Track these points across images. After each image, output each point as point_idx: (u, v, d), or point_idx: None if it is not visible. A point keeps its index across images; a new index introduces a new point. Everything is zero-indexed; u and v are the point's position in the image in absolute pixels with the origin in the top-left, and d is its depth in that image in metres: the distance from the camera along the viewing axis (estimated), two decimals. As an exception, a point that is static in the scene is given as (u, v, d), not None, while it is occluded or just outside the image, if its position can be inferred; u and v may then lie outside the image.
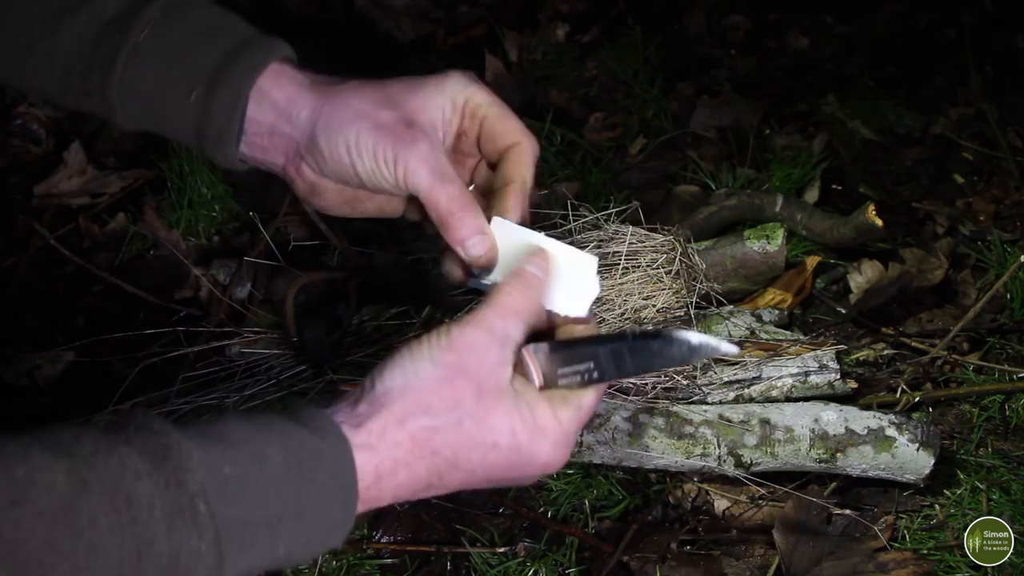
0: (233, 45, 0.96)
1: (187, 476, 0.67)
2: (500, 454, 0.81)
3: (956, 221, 1.84)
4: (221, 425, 0.72)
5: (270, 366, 1.43)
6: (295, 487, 0.72)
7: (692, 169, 1.96)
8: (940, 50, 2.30)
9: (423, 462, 0.78)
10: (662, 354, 0.83)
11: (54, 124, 2.08)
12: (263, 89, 0.95)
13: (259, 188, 1.92)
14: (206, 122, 0.96)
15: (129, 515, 0.64)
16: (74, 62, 0.97)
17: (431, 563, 1.32)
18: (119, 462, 0.65)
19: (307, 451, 0.73)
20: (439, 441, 0.78)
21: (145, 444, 0.67)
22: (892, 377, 1.50)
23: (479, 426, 0.80)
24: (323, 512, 0.73)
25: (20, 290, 1.75)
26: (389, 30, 2.34)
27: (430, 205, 0.93)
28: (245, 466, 0.70)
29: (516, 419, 0.81)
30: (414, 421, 0.78)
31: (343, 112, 0.93)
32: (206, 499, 0.67)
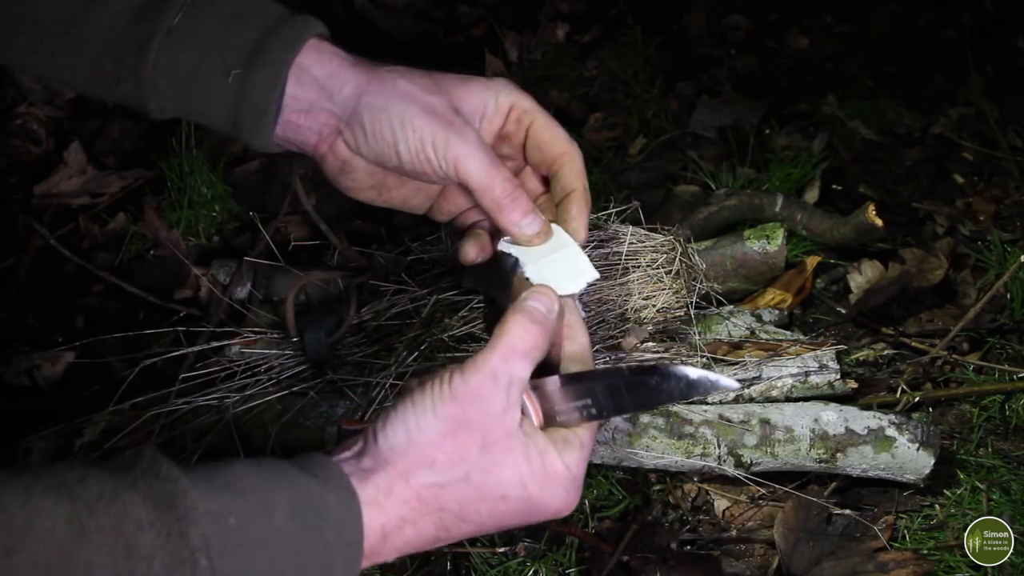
0: (269, 24, 0.94)
1: (190, 528, 0.65)
2: (510, 505, 0.79)
3: (956, 221, 1.85)
4: (229, 471, 0.70)
5: (270, 366, 1.42)
6: (299, 542, 0.70)
7: (692, 169, 1.96)
8: (940, 50, 2.30)
9: (430, 519, 0.77)
10: (660, 390, 0.82)
11: (54, 124, 2.08)
12: (303, 66, 0.93)
13: (259, 188, 1.92)
14: (243, 103, 0.94)
15: (127, 567, 0.62)
16: (106, 48, 0.95)
17: (431, 563, 1.32)
18: (122, 509, 0.64)
19: (314, 504, 0.71)
20: (446, 498, 0.77)
21: (150, 490, 0.66)
22: (892, 377, 1.50)
23: (486, 478, 0.77)
24: (326, 568, 0.71)
25: (20, 290, 1.75)
26: (389, 30, 2.34)
27: (483, 189, 0.92)
28: (250, 517, 0.68)
29: (525, 469, 0.78)
30: (419, 478, 0.76)
31: (390, 91, 0.92)
32: (208, 553, 0.65)
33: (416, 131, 0.91)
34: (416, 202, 1.04)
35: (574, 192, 0.98)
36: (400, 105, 0.91)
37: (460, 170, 0.91)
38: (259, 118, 0.94)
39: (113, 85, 0.96)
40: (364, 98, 0.92)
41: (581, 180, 0.98)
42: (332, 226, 1.62)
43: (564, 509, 0.81)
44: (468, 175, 0.91)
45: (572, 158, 0.99)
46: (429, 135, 0.90)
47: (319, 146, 0.96)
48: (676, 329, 1.41)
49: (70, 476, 0.64)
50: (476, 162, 0.90)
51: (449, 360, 1.38)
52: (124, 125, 2.09)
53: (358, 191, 1.00)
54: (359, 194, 1.01)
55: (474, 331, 1.42)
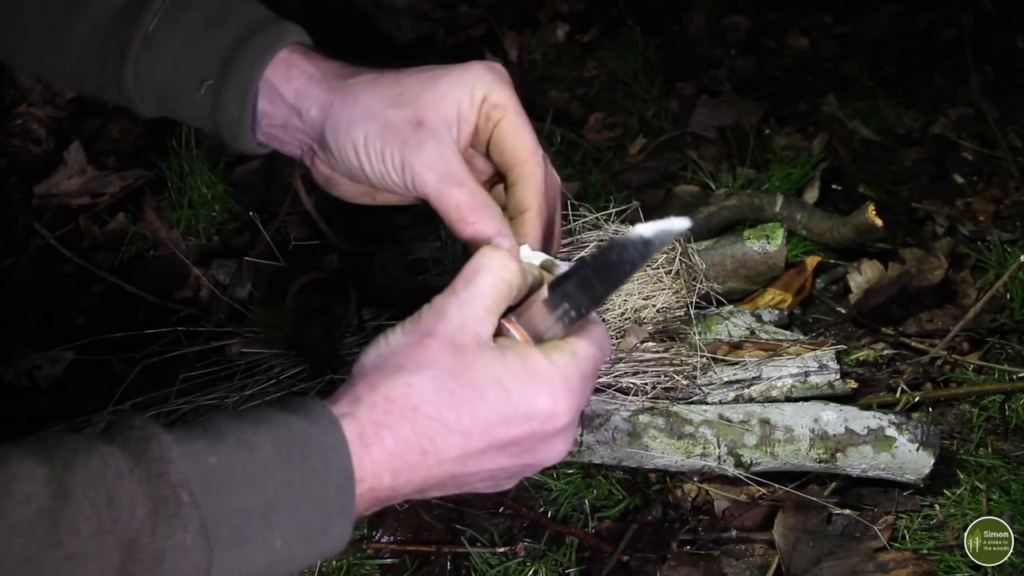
0: (241, 32, 0.92)
1: (168, 467, 0.64)
2: (490, 406, 0.75)
3: (956, 221, 1.85)
4: (207, 421, 0.70)
5: (270, 366, 1.43)
6: (286, 475, 0.69)
7: (692, 169, 1.96)
8: (940, 50, 2.30)
9: (405, 421, 0.74)
10: (622, 261, 0.78)
11: (54, 124, 2.08)
12: (272, 83, 0.92)
13: (259, 188, 1.92)
14: (220, 114, 0.93)
15: (111, 517, 0.62)
16: (88, 53, 0.95)
17: (431, 563, 1.32)
18: (100, 461, 0.63)
19: (297, 436, 0.70)
20: (416, 397, 0.74)
21: (126, 440, 0.66)
22: (892, 377, 1.50)
23: (458, 379, 0.75)
24: (318, 497, 0.70)
25: (20, 290, 1.75)
26: (388, 30, 2.34)
27: (439, 210, 0.89)
28: (232, 455, 0.67)
29: (500, 368, 0.76)
30: (385, 382, 0.75)
31: (351, 110, 0.89)
32: (190, 490, 0.64)
33: (376, 152, 0.89)
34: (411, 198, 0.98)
35: (527, 213, 0.91)
36: (360, 126, 0.89)
37: (417, 189, 0.88)
38: (236, 127, 0.93)
39: (99, 89, 0.97)
40: (328, 120, 0.90)
41: (536, 199, 0.91)
42: (332, 226, 1.63)
43: (554, 412, 0.76)
44: (424, 193, 0.88)
45: (531, 171, 0.92)
46: (388, 155, 0.88)
47: (304, 158, 0.96)
48: (676, 329, 1.41)
49: (47, 441, 0.64)
50: (428, 181, 0.87)
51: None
52: (124, 125, 2.09)
53: (349, 199, 0.99)
54: (353, 200, 1.00)
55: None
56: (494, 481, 0.80)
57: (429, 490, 0.78)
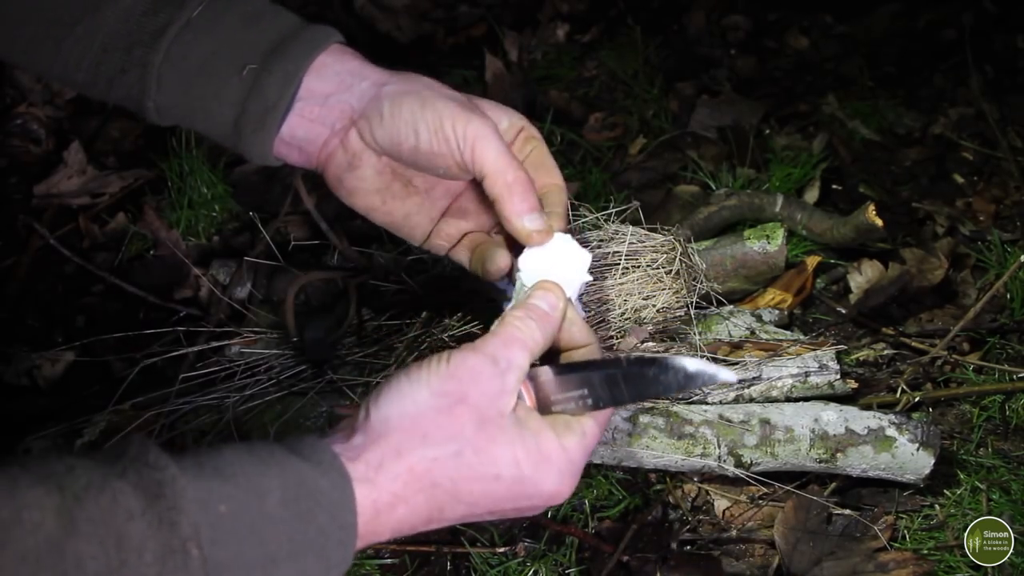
0: (291, 27, 0.96)
1: (180, 517, 0.65)
2: (503, 485, 0.78)
3: (956, 221, 1.85)
4: (219, 457, 0.70)
5: (270, 366, 1.42)
6: (292, 527, 0.70)
7: (692, 169, 1.96)
8: (940, 50, 2.30)
9: (423, 495, 0.76)
10: (657, 381, 0.81)
11: (54, 124, 2.07)
12: (325, 62, 0.95)
13: (259, 188, 1.92)
14: (253, 100, 0.94)
15: (119, 558, 0.62)
16: (117, 38, 0.95)
17: (431, 563, 1.32)
18: (112, 499, 0.63)
19: (306, 488, 0.71)
20: (438, 473, 0.76)
21: (139, 478, 0.65)
22: (892, 377, 1.50)
23: (480, 456, 0.77)
24: (320, 552, 0.71)
25: (20, 290, 1.75)
26: (389, 30, 2.34)
27: (497, 173, 0.92)
28: (241, 503, 0.68)
29: (519, 449, 0.78)
30: (412, 452, 0.75)
31: (412, 81, 0.94)
32: (199, 542, 0.65)
33: (436, 111, 0.91)
34: (418, 219, 1.03)
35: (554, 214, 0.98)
36: (423, 91, 0.93)
37: (477, 151, 0.91)
38: (265, 116, 0.94)
39: (115, 78, 0.96)
40: (385, 87, 0.94)
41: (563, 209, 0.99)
42: (332, 226, 1.62)
43: (558, 494, 0.80)
44: (484, 158, 0.91)
45: (561, 190, 0.99)
46: (449, 115, 0.91)
47: (330, 141, 0.97)
48: (676, 329, 1.41)
49: (59, 467, 0.63)
50: (493, 146, 0.91)
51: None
52: (124, 125, 2.09)
53: (362, 195, 1.00)
54: (362, 199, 1.01)
55: (474, 331, 1.42)
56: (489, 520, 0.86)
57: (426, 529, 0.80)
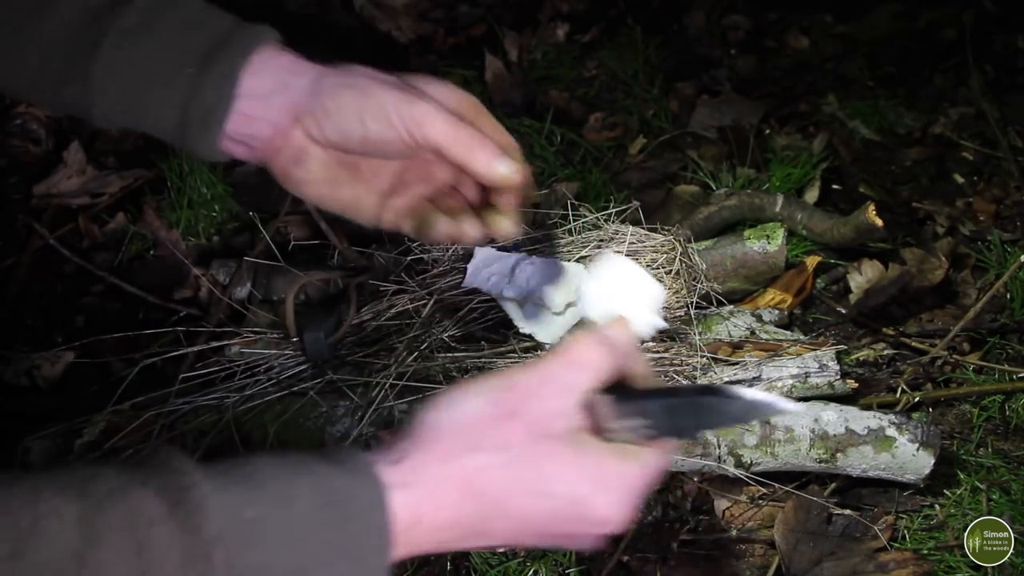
0: (226, 28, 0.95)
1: (204, 522, 0.63)
2: (555, 504, 0.74)
3: (956, 221, 1.84)
4: (247, 465, 0.68)
5: (270, 366, 1.42)
6: (323, 534, 0.67)
7: (692, 169, 1.96)
8: (940, 50, 2.30)
9: (468, 504, 0.72)
10: (720, 411, 0.78)
11: (53, 124, 2.07)
12: (263, 58, 0.94)
13: (259, 188, 1.92)
14: (194, 102, 0.94)
15: (140, 566, 0.60)
16: (55, 48, 0.95)
17: (431, 563, 1.32)
18: (134, 505, 0.62)
19: (338, 493, 0.68)
20: (486, 481, 0.72)
21: (162, 484, 0.64)
22: (892, 377, 1.50)
23: (532, 470, 0.73)
24: (354, 560, 0.68)
25: (20, 290, 1.75)
26: (389, 30, 2.34)
27: (451, 141, 0.92)
28: (269, 509, 0.65)
29: (575, 467, 0.74)
30: (459, 458, 0.72)
31: (349, 77, 0.93)
32: (224, 546, 0.63)
33: (378, 100, 0.92)
34: (367, 201, 1.02)
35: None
36: (360, 81, 0.93)
37: (426, 130, 0.92)
38: (207, 117, 0.94)
39: (58, 88, 0.96)
40: (324, 83, 0.94)
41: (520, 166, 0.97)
42: (332, 226, 1.62)
43: (611, 521, 0.75)
44: (435, 133, 0.92)
45: (515, 148, 0.97)
46: (391, 101, 0.92)
47: (274, 137, 0.96)
48: (676, 329, 1.41)
49: (82, 475, 0.62)
50: (440, 120, 0.91)
51: (449, 360, 1.38)
52: (124, 125, 2.08)
53: (310, 185, 0.99)
54: (310, 189, 1.00)
55: (474, 331, 1.42)
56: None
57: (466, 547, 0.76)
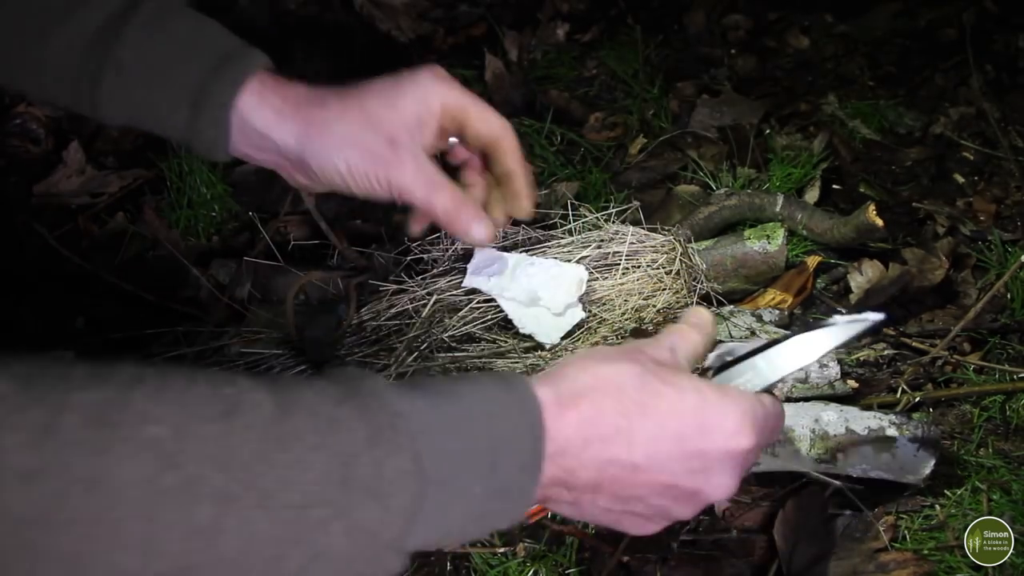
0: (213, 62, 1.01)
1: (383, 400, 0.68)
2: (687, 405, 0.78)
3: (957, 221, 1.84)
4: (406, 381, 0.75)
5: (270, 366, 1.42)
6: (486, 423, 0.72)
7: (692, 169, 1.96)
8: (940, 50, 2.30)
9: (609, 398, 0.77)
10: (814, 343, 0.87)
11: (53, 124, 2.07)
12: (243, 114, 1.01)
13: (259, 188, 1.92)
14: (195, 137, 1.02)
15: (332, 435, 0.65)
16: (63, 72, 1.01)
17: (431, 563, 1.32)
18: (320, 389, 0.68)
19: (493, 390, 0.74)
20: (622, 378, 0.78)
21: (341, 376, 0.70)
22: (893, 377, 1.50)
23: (661, 378, 0.79)
24: (515, 449, 0.73)
25: (19, 290, 1.75)
26: (389, 30, 2.34)
27: (429, 213, 1.04)
28: (438, 400, 0.71)
29: (698, 382, 0.80)
30: (593, 365, 0.78)
31: (329, 139, 1.02)
32: (406, 420, 0.68)
33: (360, 172, 1.02)
34: None
35: (513, 175, 1.10)
36: (341, 153, 1.01)
37: (405, 196, 1.03)
38: (211, 147, 1.03)
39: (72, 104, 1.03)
40: (307, 148, 1.02)
41: (518, 164, 1.10)
42: (332, 226, 1.63)
43: (742, 429, 0.79)
44: (413, 199, 1.03)
45: (509, 143, 1.09)
46: (372, 173, 1.02)
47: (280, 171, 1.07)
48: (676, 329, 1.41)
49: (264, 375, 0.68)
50: (417, 192, 1.03)
51: (449, 360, 1.38)
52: (124, 125, 2.08)
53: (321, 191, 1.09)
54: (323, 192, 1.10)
55: (473, 331, 1.42)
56: (656, 510, 0.81)
57: (603, 487, 0.78)
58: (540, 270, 1.26)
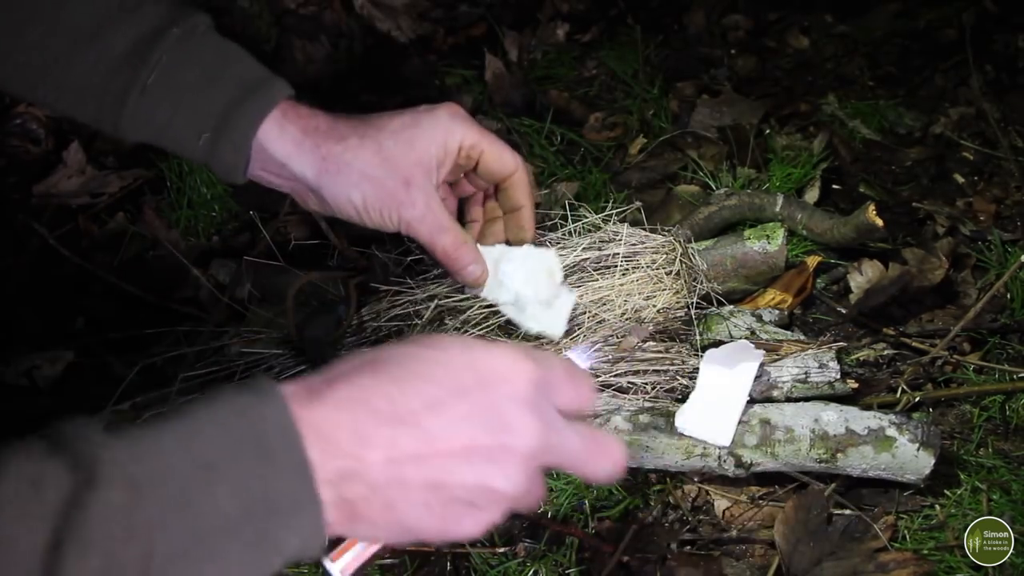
0: (237, 92, 1.06)
1: (89, 445, 0.61)
2: (452, 353, 0.73)
3: (956, 221, 1.84)
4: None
5: (270, 366, 1.42)
6: (221, 429, 0.65)
7: (692, 169, 1.96)
8: (940, 50, 2.30)
9: (367, 368, 0.71)
10: None
11: (53, 124, 2.07)
12: (263, 143, 1.06)
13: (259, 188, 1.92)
14: (215, 161, 1.07)
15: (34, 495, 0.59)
16: (86, 93, 1.06)
17: (431, 563, 1.32)
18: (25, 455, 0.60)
19: (226, 398, 0.67)
20: (379, 353, 0.73)
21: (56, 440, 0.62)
22: (892, 377, 1.50)
23: (422, 345, 0.74)
24: (260, 445, 0.65)
25: (20, 290, 1.75)
26: (389, 30, 2.34)
27: (432, 247, 1.13)
28: (160, 428, 0.64)
29: (462, 337, 0.78)
30: (353, 355, 0.75)
31: (347, 176, 1.07)
32: (111, 451, 0.61)
33: (374, 208, 1.09)
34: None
35: (523, 209, 1.20)
36: (357, 189, 1.08)
37: (412, 232, 1.11)
38: (231, 171, 1.09)
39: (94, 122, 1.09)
40: (324, 181, 1.08)
41: (528, 198, 1.19)
42: (332, 226, 1.62)
43: (515, 369, 0.72)
44: (419, 237, 1.12)
45: (520, 178, 1.17)
46: (385, 209, 1.09)
47: (295, 196, 1.14)
48: (676, 329, 1.41)
49: None
50: (423, 232, 1.11)
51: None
52: (124, 125, 2.08)
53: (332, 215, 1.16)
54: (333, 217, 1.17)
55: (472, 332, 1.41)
56: (477, 487, 0.71)
57: (406, 474, 0.68)
58: (516, 266, 1.25)
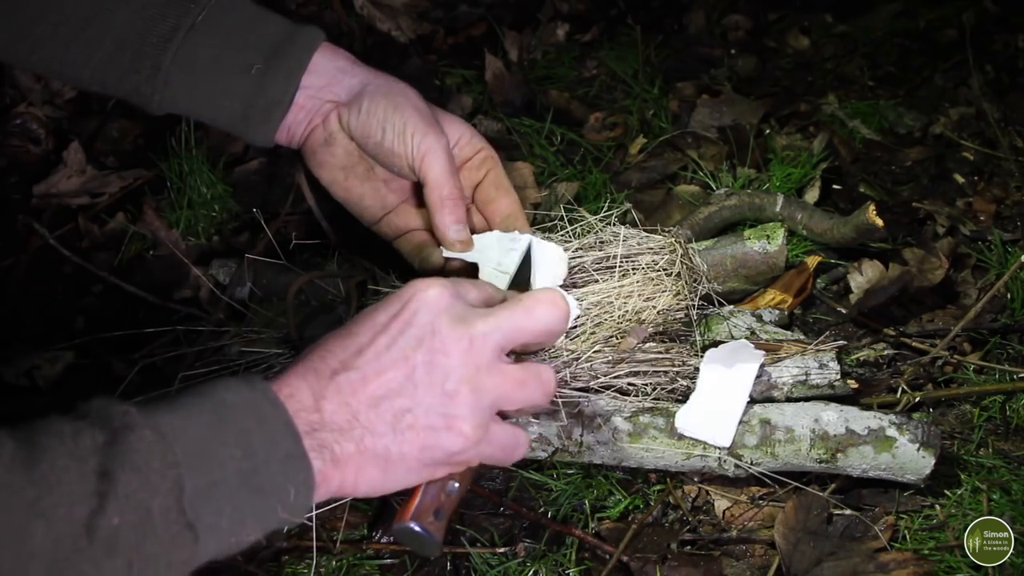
0: (287, 29, 1.11)
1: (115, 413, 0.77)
2: (375, 306, 0.88)
3: (956, 221, 1.84)
4: None
5: (270, 366, 1.42)
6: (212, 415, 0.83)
7: (692, 169, 1.96)
8: (940, 50, 2.30)
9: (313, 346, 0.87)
10: None
11: (53, 124, 2.07)
12: (320, 60, 1.11)
13: (259, 188, 1.92)
14: (260, 96, 1.08)
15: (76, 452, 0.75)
16: (126, 40, 1.07)
17: (431, 563, 1.32)
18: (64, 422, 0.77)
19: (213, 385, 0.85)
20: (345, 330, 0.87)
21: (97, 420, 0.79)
22: (893, 377, 1.50)
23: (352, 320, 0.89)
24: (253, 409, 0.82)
25: (20, 290, 1.75)
26: (389, 30, 2.34)
27: (436, 185, 1.09)
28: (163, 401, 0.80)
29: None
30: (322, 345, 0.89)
31: (392, 86, 1.11)
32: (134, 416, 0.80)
33: (403, 118, 1.08)
34: (370, 203, 1.21)
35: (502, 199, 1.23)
36: (398, 97, 1.09)
37: (425, 162, 1.09)
38: (272, 109, 1.09)
39: (125, 76, 1.12)
40: (369, 86, 1.10)
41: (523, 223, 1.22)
42: (333, 226, 1.62)
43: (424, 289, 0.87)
44: (429, 169, 1.09)
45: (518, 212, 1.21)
46: (412, 124, 1.07)
47: (313, 120, 1.13)
48: (676, 330, 1.41)
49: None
50: (439, 162, 1.09)
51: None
52: (123, 125, 2.08)
53: (329, 168, 1.16)
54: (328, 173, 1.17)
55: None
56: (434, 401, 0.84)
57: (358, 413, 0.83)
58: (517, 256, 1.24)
